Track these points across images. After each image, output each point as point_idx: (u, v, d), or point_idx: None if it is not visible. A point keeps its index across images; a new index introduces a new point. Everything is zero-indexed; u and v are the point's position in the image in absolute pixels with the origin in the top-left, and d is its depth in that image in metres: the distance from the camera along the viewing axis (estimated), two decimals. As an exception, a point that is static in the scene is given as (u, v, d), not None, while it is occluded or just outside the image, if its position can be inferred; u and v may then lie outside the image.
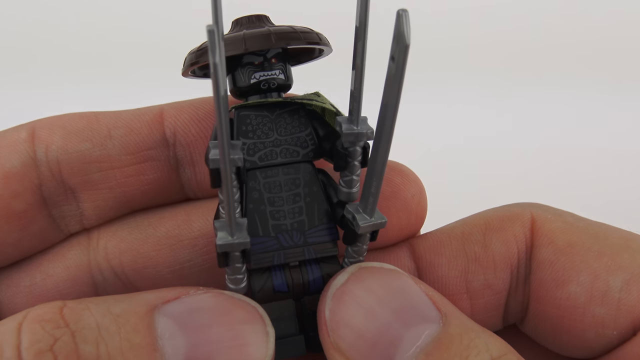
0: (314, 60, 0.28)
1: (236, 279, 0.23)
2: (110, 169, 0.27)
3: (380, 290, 0.22)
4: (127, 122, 0.27)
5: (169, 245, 0.27)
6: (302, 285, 0.24)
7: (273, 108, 0.25)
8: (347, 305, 0.22)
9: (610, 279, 0.25)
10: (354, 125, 0.23)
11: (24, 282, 0.27)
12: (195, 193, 0.29)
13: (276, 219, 0.24)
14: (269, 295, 0.24)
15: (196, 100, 0.28)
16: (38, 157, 0.26)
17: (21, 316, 0.19)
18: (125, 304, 0.21)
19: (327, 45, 0.25)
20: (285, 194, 0.25)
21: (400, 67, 0.18)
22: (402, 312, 0.21)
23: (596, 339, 0.25)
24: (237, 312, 0.22)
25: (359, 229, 0.23)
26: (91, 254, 0.28)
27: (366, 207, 0.23)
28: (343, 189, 0.24)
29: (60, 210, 0.27)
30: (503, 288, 0.27)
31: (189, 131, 0.27)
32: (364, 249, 0.24)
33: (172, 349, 0.20)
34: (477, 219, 0.28)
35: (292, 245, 0.24)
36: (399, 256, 0.28)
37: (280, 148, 0.25)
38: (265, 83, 0.25)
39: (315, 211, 0.25)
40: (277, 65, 0.25)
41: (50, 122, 0.27)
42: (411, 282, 0.23)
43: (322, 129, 0.25)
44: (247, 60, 0.25)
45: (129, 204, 0.28)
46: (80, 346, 0.18)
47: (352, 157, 0.23)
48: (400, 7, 0.17)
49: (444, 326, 0.21)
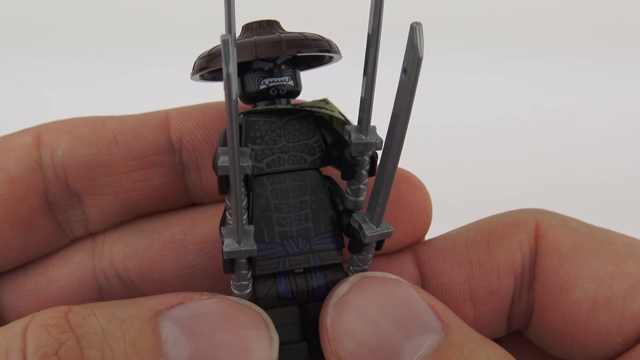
0: (323, 66, 0.28)
1: (241, 285, 0.23)
2: (116, 174, 0.27)
3: (382, 299, 0.22)
4: (133, 127, 0.27)
5: (174, 250, 0.27)
6: (307, 292, 0.24)
7: (282, 114, 0.25)
8: (348, 315, 0.22)
9: (615, 286, 0.25)
10: (363, 134, 0.23)
11: (28, 286, 0.27)
12: (201, 198, 0.29)
13: (282, 225, 0.24)
14: (273, 302, 0.24)
15: (202, 106, 0.28)
16: (44, 161, 0.26)
17: (26, 320, 0.19)
18: (130, 309, 0.21)
19: (337, 53, 0.25)
20: (291, 201, 0.25)
21: (412, 79, 0.18)
22: (403, 321, 0.22)
23: (600, 346, 0.25)
24: (242, 318, 0.22)
25: (365, 239, 0.23)
26: (96, 259, 0.28)
27: (373, 216, 0.23)
28: (350, 197, 0.24)
29: (66, 215, 0.27)
30: (507, 295, 0.27)
31: (195, 136, 0.27)
32: (369, 258, 0.25)
33: (177, 353, 0.20)
34: (481, 225, 0.28)
35: (297, 252, 0.24)
36: (403, 262, 0.28)
37: (288, 155, 0.25)
38: (274, 89, 0.24)
39: (321, 218, 0.25)
40: (287, 72, 0.25)
41: (55, 126, 0.27)
42: (413, 291, 0.23)
43: (329, 136, 0.25)
44: (256, 66, 0.24)
45: (134, 209, 0.28)
46: (86, 351, 0.18)
47: (360, 166, 0.23)
48: (415, 21, 0.17)
49: (445, 336, 0.21)
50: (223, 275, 0.25)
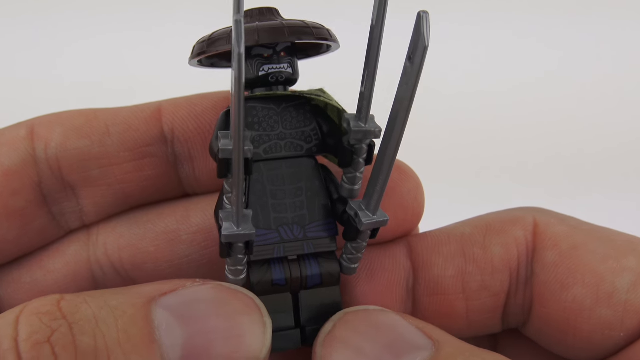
0: (320, 55, 0.28)
1: (237, 270, 0.23)
2: (109, 166, 0.27)
3: (367, 328, 0.22)
4: (126, 119, 0.27)
5: (168, 240, 0.27)
6: (300, 280, 0.24)
7: (279, 101, 0.25)
8: (336, 349, 0.22)
9: (617, 281, 0.25)
10: (362, 122, 0.23)
11: (24, 278, 0.27)
12: (194, 189, 0.29)
13: (278, 212, 0.24)
14: (267, 288, 0.24)
15: (194, 97, 0.28)
16: (37, 154, 0.26)
17: (19, 309, 0.19)
18: (122, 297, 0.21)
19: (335, 42, 0.25)
20: (287, 187, 0.25)
21: (417, 67, 0.19)
22: (391, 344, 0.22)
23: (603, 341, 0.25)
24: (235, 303, 0.22)
25: (362, 226, 0.23)
26: (91, 250, 0.28)
27: (370, 204, 0.23)
28: (346, 185, 0.24)
29: (60, 207, 0.27)
30: (501, 290, 0.27)
31: (187, 127, 0.27)
32: (363, 246, 0.25)
33: (170, 339, 0.20)
34: (478, 221, 0.28)
35: (292, 239, 0.24)
36: (395, 254, 0.27)
37: (285, 141, 0.25)
38: (273, 76, 0.25)
39: (316, 206, 0.25)
40: (286, 59, 0.25)
41: (49, 119, 0.27)
42: (398, 317, 0.23)
43: (326, 125, 0.25)
44: (256, 52, 0.25)
45: (128, 200, 0.28)
46: (78, 337, 0.18)
47: (357, 155, 0.24)
48: (422, 9, 0.17)
49: (437, 351, 0.21)
50: (216, 264, 0.25)
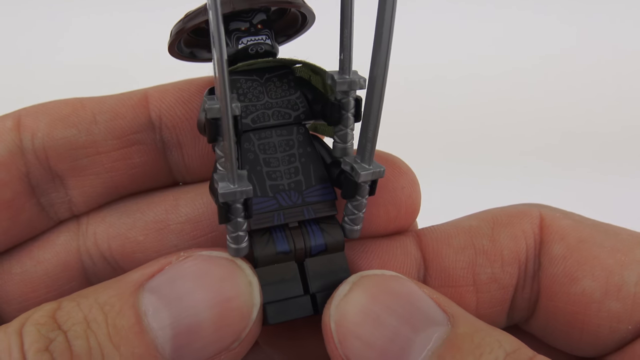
0: (299, 33, 0.28)
1: (238, 237, 0.23)
2: (97, 154, 0.27)
3: (385, 296, 0.22)
4: (112, 106, 0.27)
5: (157, 230, 0.27)
6: (304, 249, 0.24)
7: (262, 72, 0.25)
8: (352, 316, 0.22)
9: (625, 274, 0.24)
10: (346, 74, 0.23)
11: (14, 269, 0.27)
12: (184, 177, 0.29)
13: (273, 179, 0.24)
14: (271, 257, 0.24)
15: (180, 82, 0.27)
16: (24, 145, 0.26)
17: (22, 320, 0.20)
18: (111, 290, 0.21)
19: (306, 7, 0.25)
20: (280, 155, 0.25)
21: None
22: (409, 316, 0.21)
23: (610, 334, 0.25)
24: (215, 271, 0.22)
25: (359, 178, 0.23)
26: (80, 240, 0.28)
27: (364, 155, 0.23)
28: (338, 144, 0.24)
29: (49, 198, 0.27)
30: (510, 283, 0.26)
31: (175, 113, 0.27)
32: (363, 204, 0.24)
33: (157, 323, 0.20)
34: (484, 215, 0.28)
35: (291, 205, 0.24)
36: (405, 244, 0.27)
37: (272, 110, 0.25)
38: (253, 47, 0.25)
39: (312, 171, 0.25)
40: (263, 31, 0.25)
41: (35, 109, 0.27)
42: (414, 286, 0.23)
43: (310, 93, 0.26)
44: (233, 27, 0.25)
45: (117, 189, 0.28)
46: (73, 342, 0.19)
47: (345, 109, 0.24)
48: None
49: (452, 327, 0.21)
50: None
